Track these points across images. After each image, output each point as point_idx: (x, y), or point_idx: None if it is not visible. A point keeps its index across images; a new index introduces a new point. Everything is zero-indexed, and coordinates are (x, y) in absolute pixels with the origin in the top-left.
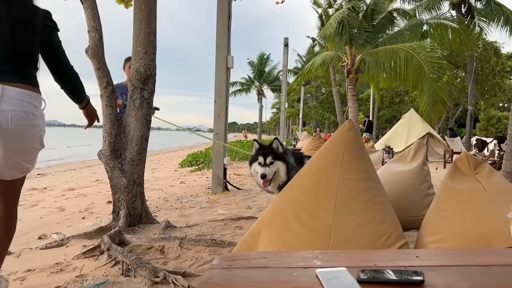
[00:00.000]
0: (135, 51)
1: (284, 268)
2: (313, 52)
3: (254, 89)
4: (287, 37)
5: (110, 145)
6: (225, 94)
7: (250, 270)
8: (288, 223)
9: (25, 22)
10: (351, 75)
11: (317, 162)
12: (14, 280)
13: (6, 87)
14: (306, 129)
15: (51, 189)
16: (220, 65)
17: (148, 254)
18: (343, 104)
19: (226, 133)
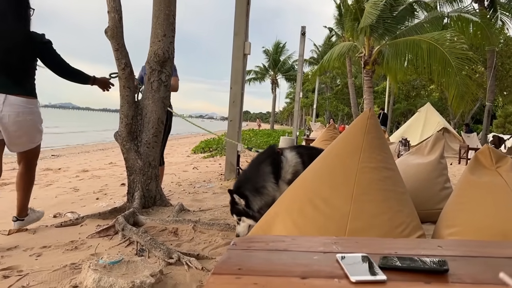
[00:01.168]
0: (154, 33)
1: (303, 252)
2: (329, 42)
3: (268, 78)
4: (304, 26)
5: (126, 127)
6: (241, 80)
7: (269, 253)
8: (303, 210)
9: (18, 52)
10: (368, 67)
11: (335, 149)
12: (30, 256)
13: (8, 96)
14: (319, 120)
15: (65, 170)
16: (237, 51)
17: (161, 235)
18: (358, 96)
19: (241, 120)
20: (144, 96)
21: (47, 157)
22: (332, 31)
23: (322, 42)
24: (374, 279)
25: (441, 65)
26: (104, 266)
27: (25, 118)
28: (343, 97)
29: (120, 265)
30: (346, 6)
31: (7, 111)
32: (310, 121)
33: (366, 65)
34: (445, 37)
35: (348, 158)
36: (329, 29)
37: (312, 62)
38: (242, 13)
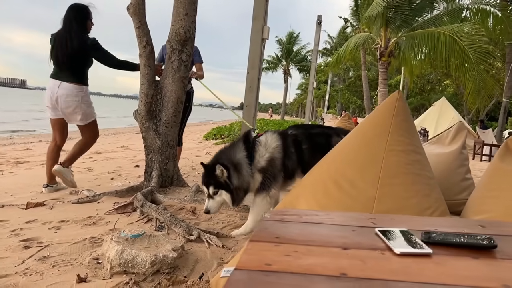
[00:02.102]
0: (176, 12)
1: (339, 225)
2: (344, 33)
3: (280, 68)
4: (320, 15)
5: (146, 106)
6: (258, 65)
7: (304, 225)
8: (328, 190)
9: (72, 52)
10: (384, 58)
11: (362, 132)
12: (49, 229)
13: (62, 83)
14: (330, 111)
15: None
16: (256, 36)
17: (179, 214)
18: (371, 89)
19: (256, 106)
20: (164, 75)
21: None
22: (347, 22)
23: (337, 33)
24: (419, 252)
25: (459, 58)
26: (126, 239)
27: (73, 99)
28: (356, 90)
29: (142, 238)
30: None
31: (60, 93)
32: (322, 112)
33: (382, 57)
34: (464, 30)
35: (375, 140)
36: (344, 20)
37: (325, 53)
38: None
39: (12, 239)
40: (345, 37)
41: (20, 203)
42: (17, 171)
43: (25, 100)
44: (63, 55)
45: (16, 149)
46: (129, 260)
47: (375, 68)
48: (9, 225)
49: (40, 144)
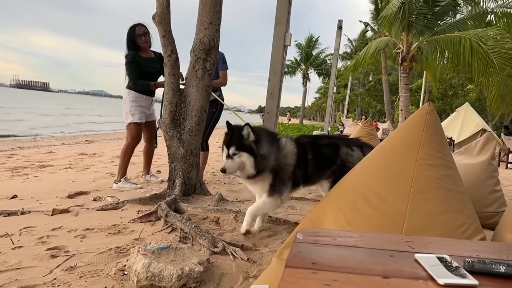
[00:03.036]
0: (200, 21)
1: (376, 249)
2: (364, 37)
3: (299, 72)
4: (341, 20)
5: (170, 114)
6: (280, 72)
7: (340, 248)
8: (356, 205)
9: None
10: (406, 63)
11: (391, 144)
12: (75, 237)
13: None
14: (350, 116)
15: (99, 155)
16: (278, 42)
17: (203, 224)
18: (391, 93)
19: (277, 113)
20: (188, 84)
21: (81, 142)
22: (368, 26)
23: (357, 36)
24: (464, 283)
25: (483, 63)
26: (152, 252)
27: (122, 101)
28: (376, 94)
29: (168, 251)
30: (385, 1)
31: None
32: (341, 117)
33: (403, 62)
34: (488, 34)
35: (405, 154)
36: (364, 24)
37: (345, 57)
38: (284, 3)
39: (39, 247)
40: (365, 41)
41: (45, 209)
42: (42, 175)
43: (58, 103)
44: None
45: (39, 152)
46: (156, 274)
47: (395, 72)
48: (36, 232)
49: (63, 147)
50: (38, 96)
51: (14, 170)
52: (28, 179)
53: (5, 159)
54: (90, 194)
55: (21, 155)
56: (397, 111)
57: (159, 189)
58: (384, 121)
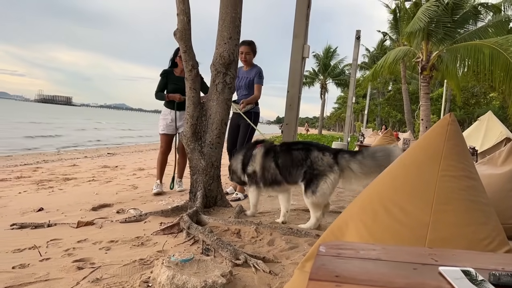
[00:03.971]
0: (220, 36)
1: (399, 262)
2: (383, 47)
3: (317, 83)
4: (359, 30)
5: (191, 127)
6: (299, 84)
7: (363, 261)
8: (377, 217)
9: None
10: (426, 72)
11: (412, 156)
12: (100, 249)
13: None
14: (370, 126)
15: (122, 168)
16: (296, 54)
17: (224, 236)
18: (412, 103)
19: (297, 124)
20: (208, 98)
21: (103, 155)
22: (386, 36)
23: (375, 46)
24: None
25: (504, 71)
26: (176, 264)
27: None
28: (396, 103)
29: (192, 263)
30: (403, 10)
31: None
32: (361, 127)
33: (423, 71)
34: (509, 41)
35: (426, 165)
36: (383, 34)
37: (364, 67)
38: (302, 16)
39: (65, 259)
40: (384, 50)
41: (70, 221)
42: (66, 188)
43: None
44: None
45: (63, 165)
46: (180, 286)
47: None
48: (62, 244)
49: (86, 160)
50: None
51: (39, 183)
52: (53, 192)
53: (31, 172)
54: (113, 207)
55: (45, 168)
56: (418, 121)
57: (181, 201)
58: (405, 130)
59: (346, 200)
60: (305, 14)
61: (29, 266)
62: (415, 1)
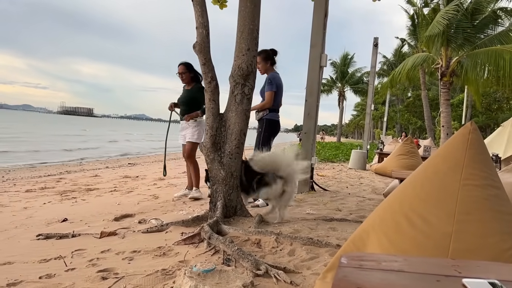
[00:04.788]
0: (238, 48)
1: (422, 274)
2: (400, 53)
3: (335, 90)
4: (377, 37)
5: (211, 138)
6: (317, 93)
7: (385, 273)
8: (399, 227)
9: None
10: (445, 78)
11: (433, 165)
12: (123, 260)
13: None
14: (389, 133)
15: (142, 178)
16: (313, 63)
17: (245, 246)
18: (432, 109)
19: (315, 133)
20: (227, 109)
21: (124, 165)
22: (404, 42)
23: (392, 53)
24: None
25: None
26: (198, 274)
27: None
28: (415, 110)
29: (213, 273)
30: (421, 16)
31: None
32: (380, 134)
33: (443, 77)
34: None
35: (448, 174)
36: (401, 40)
37: (382, 74)
38: (319, 26)
39: (90, 269)
40: (401, 56)
41: (94, 231)
42: (89, 198)
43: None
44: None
45: (85, 175)
46: None
47: (435, 87)
48: (86, 254)
49: (107, 171)
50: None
51: (63, 193)
52: (76, 202)
53: (55, 183)
54: (135, 217)
55: (68, 179)
56: (438, 127)
57: (201, 211)
58: (425, 137)
59: (366, 209)
60: (322, 23)
61: (55, 276)
62: (434, 7)
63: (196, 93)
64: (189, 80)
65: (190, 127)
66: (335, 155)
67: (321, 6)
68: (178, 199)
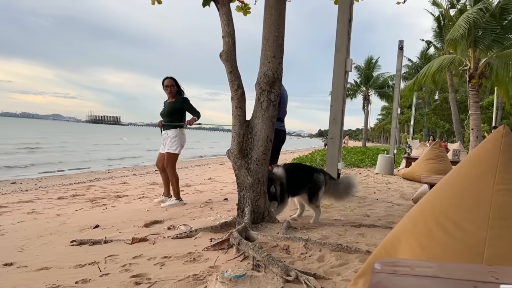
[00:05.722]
0: (264, 55)
1: (458, 280)
2: (426, 56)
3: (360, 95)
4: (402, 40)
5: (238, 145)
6: (342, 98)
7: (420, 279)
8: (431, 233)
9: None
10: (474, 80)
11: (465, 170)
12: (155, 265)
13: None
14: (416, 137)
15: None
16: (339, 68)
17: (273, 252)
18: (460, 112)
19: (341, 138)
20: (254, 116)
21: (151, 172)
22: (430, 44)
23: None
24: None
25: None
26: (229, 279)
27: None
28: (443, 113)
29: (244, 279)
30: (448, 17)
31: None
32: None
33: (471, 79)
34: None
35: (481, 179)
36: (426, 42)
37: (407, 77)
38: (344, 30)
39: (123, 275)
40: (427, 59)
41: (125, 237)
42: (118, 205)
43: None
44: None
45: (114, 183)
46: None
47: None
48: (119, 260)
49: (135, 178)
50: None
51: (93, 201)
52: (107, 209)
53: (85, 191)
54: (164, 223)
55: (98, 186)
56: (467, 130)
57: (228, 217)
58: (454, 141)
59: (395, 215)
60: (346, 28)
61: (90, 281)
62: (460, 8)
63: (181, 103)
64: (175, 93)
65: (169, 137)
66: (361, 160)
67: (346, 11)
68: (158, 204)
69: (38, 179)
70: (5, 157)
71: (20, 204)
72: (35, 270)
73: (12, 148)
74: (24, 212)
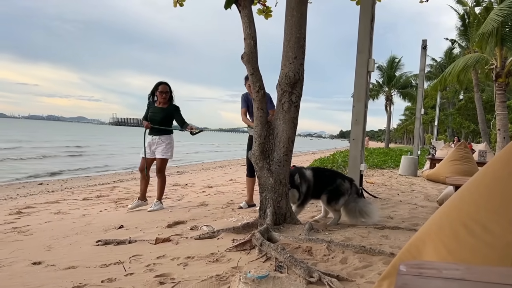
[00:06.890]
0: (285, 56)
1: (486, 283)
2: (451, 55)
3: (382, 95)
4: (425, 39)
5: (260, 146)
6: (365, 98)
7: (447, 281)
8: (457, 236)
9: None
10: (501, 79)
11: (492, 171)
12: (178, 265)
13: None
14: (440, 137)
15: (191, 186)
16: (361, 69)
17: (296, 253)
18: (486, 112)
19: (364, 139)
20: (275, 117)
21: (173, 174)
22: (454, 43)
23: (442, 55)
24: None
25: None
26: (253, 280)
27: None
28: (468, 113)
29: (267, 280)
30: (473, 15)
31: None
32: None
33: (498, 78)
34: None
35: (509, 180)
36: (451, 41)
37: (430, 77)
38: (366, 31)
39: (148, 274)
40: (452, 58)
41: (149, 238)
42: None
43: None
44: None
45: (137, 184)
46: None
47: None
48: (143, 260)
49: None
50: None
51: (117, 201)
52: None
53: (109, 191)
54: (187, 224)
55: (121, 187)
56: (494, 131)
57: (250, 218)
58: (480, 141)
59: (419, 217)
60: (368, 28)
61: (115, 280)
62: (486, 5)
63: (174, 111)
64: (167, 100)
65: (164, 143)
66: (384, 161)
67: (368, 10)
68: (132, 210)
69: (64, 180)
70: (53, 160)
71: (47, 205)
72: (62, 269)
73: (56, 152)
74: (51, 212)
